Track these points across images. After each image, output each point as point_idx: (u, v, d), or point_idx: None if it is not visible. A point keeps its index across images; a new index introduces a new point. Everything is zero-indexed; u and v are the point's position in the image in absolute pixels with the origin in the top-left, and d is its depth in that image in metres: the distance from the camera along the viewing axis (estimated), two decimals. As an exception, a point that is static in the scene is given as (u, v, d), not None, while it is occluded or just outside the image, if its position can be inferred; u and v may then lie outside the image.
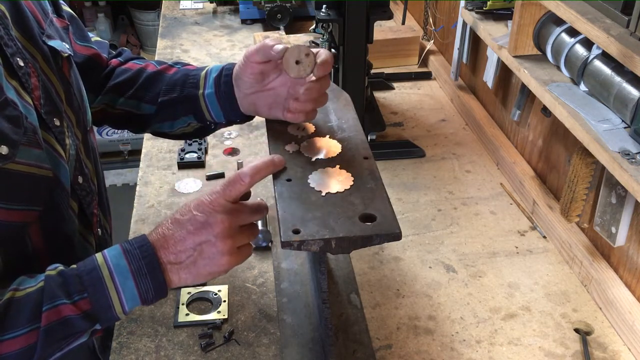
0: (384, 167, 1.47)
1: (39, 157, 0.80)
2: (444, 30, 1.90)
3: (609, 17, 0.99)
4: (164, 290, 0.80)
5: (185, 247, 0.79)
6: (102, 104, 1.10)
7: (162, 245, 0.79)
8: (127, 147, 3.41)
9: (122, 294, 0.77)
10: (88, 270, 0.77)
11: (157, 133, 1.13)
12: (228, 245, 0.79)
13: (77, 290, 0.76)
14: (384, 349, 1.03)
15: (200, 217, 0.79)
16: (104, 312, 0.77)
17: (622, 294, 1.07)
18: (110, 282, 0.77)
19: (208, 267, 0.80)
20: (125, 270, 0.77)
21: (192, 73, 1.05)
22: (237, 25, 2.25)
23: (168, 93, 1.05)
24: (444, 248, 1.24)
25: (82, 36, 1.08)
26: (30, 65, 0.83)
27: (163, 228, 0.81)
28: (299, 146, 0.93)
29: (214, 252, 0.79)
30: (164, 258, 0.79)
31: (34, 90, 0.83)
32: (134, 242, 0.80)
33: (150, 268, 0.78)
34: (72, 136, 0.90)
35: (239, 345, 1.02)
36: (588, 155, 1.06)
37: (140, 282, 0.78)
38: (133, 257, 0.78)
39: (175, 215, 0.81)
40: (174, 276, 0.80)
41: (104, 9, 3.44)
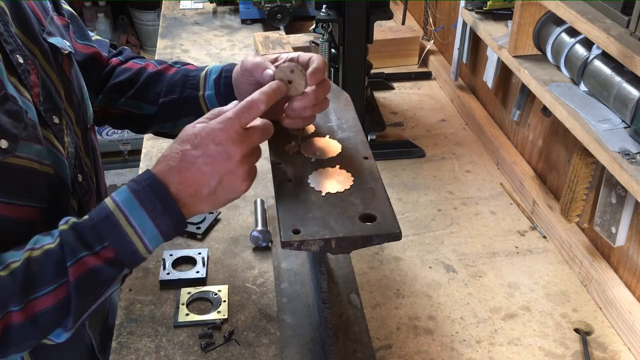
0: (384, 167, 1.47)
1: (39, 153, 0.80)
2: (444, 30, 1.90)
3: (609, 17, 1.00)
4: (184, 223, 0.79)
5: (205, 180, 0.77)
6: (102, 104, 1.10)
7: (177, 180, 0.77)
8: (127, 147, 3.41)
9: (144, 235, 0.77)
10: (102, 219, 0.76)
11: (159, 133, 1.13)
12: (246, 170, 0.79)
13: (97, 241, 0.75)
14: (384, 349, 1.03)
15: (218, 147, 0.77)
16: (129, 256, 0.77)
17: (622, 294, 1.07)
18: (129, 227, 0.76)
19: (228, 194, 0.80)
20: (139, 211, 0.76)
21: (192, 74, 1.05)
22: (237, 25, 2.25)
23: (168, 94, 1.05)
24: (444, 248, 1.24)
25: (82, 35, 1.08)
26: (30, 62, 0.83)
27: (172, 160, 0.78)
28: (299, 146, 0.93)
29: (235, 180, 0.79)
30: (182, 192, 0.77)
31: (33, 87, 0.83)
32: (141, 180, 0.78)
33: (166, 205, 0.77)
34: (71, 134, 0.90)
35: (239, 345, 1.02)
36: (588, 155, 1.06)
37: (158, 220, 0.77)
38: (144, 196, 0.76)
39: (184, 147, 0.78)
40: (192, 208, 0.79)
41: (104, 9, 3.44)
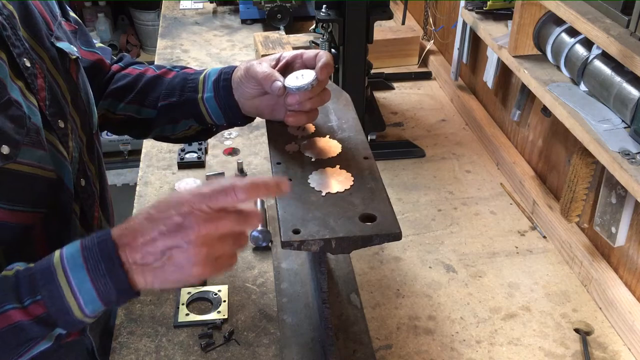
0: (384, 167, 1.47)
1: (42, 158, 0.79)
2: (444, 30, 1.90)
3: (609, 17, 1.00)
4: (130, 291, 0.71)
5: (155, 248, 0.70)
6: (103, 109, 1.10)
7: (128, 242, 0.70)
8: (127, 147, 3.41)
9: (79, 295, 0.69)
10: (42, 270, 0.70)
11: (160, 137, 1.13)
12: (202, 254, 0.70)
13: (29, 293, 0.69)
14: (384, 349, 1.03)
15: (177, 218, 0.70)
16: (62, 316, 0.70)
17: (622, 294, 1.07)
18: (65, 283, 0.69)
19: (176, 274, 0.70)
20: (80, 269, 0.69)
21: (191, 77, 1.05)
22: (237, 25, 2.25)
23: (167, 97, 1.05)
24: (444, 248, 1.24)
25: (86, 41, 1.08)
26: (37, 66, 0.83)
27: (134, 222, 0.72)
28: (299, 146, 0.93)
29: (185, 260, 0.70)
30: (129, 256, 0.70)
31: (39, 91, 0.82)
32: (95, 237, 0.71)
33: (110, 267, 0.69)
34: (76, 138, 0.90)
35: (239, 345, 1.02)
36: (588, 155, 1.06)
37: (98, 283, 0.69)
38: (90, 253, 0.70)
39: (150, 210, 0.72)
40: (139, 277, 0.70)
41: (104, 9, 3.44)
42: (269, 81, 0.93)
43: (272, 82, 0.92)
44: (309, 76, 0.91)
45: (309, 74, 0.92)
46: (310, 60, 0.96)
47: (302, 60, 0.97)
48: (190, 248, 0.69)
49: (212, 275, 0.73)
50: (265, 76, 0.93)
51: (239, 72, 0.99)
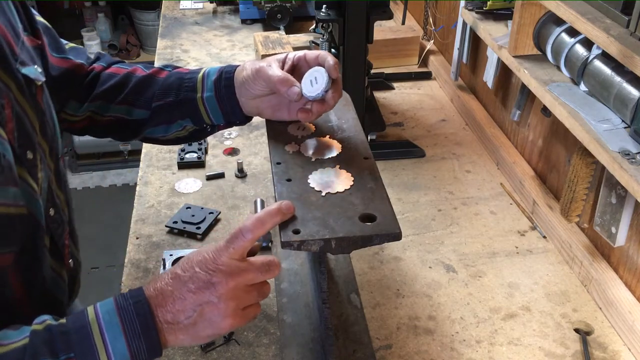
0: (384, 167, 1.47)
1: (15, 195, 0.76)
2: (444, 30, 1.90)
3: (609, 17, 1.00)
4: (158, 351, 0.73)
5: (184, 307, 0.73)
6: (88, 112, 1.05)
7: (159, 302, 0.73)
8: (127, 147, 3.41)
9: (112, 354, 0.71)
10: (77, 328, 0.71)
11: (148, 139, 1.09)
12: (231, 307, 0.73)
13: (63, 349, 0.70)
14: (384, 349, 1.03)
15: (203, 275, 0.73)
16: None
17: (622, 294, 1.07)
18: (100, 342, 0.71)
19: (208, 329, 0.74)
20: (117, 329, 0.71)
21: (187, 76, 1.03)
22: (237, 25, 2.25)
23: (163, 97, 1.02)
24: (444, 248, 1.24)
25: (57, 48, 1.02)
26: (4, 97, 0.77)
27: (162, 283, 0.75)
28: (299, 146, 0.93)
29: (216, 314, 0.73)
30: (161, 317, 0.73)
31: (7, 122, 0.77)
32: (130, 297, 0.74)
33: (145, 328, 0.72)
34: (45, 168, 0.85)
35: (239, 345, 1.02)
36: (588, 155, 1.06)
37: (132, 343, 0.71)
38: (126, 314, 0.72)
39: (176, 270, 0.75)
40: (170, 337, 0.73)
41: (104, 9, 3.44)
42: (286, 86, 0.92)
43: (289, 87, 0.92)
44: (321, 80, 0.92)
45: (321, 77, 0.92)
46: (313, 60, 0.95)
47: (307, 62, 0.96)
48: (221, 302, 0.73)
49: (241, 325, 0.76)
50: (281, 80, 0.92)
51: (244, 71, 0.97)
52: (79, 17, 3.45)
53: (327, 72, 0.92)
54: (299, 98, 0.92)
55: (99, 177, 3.50)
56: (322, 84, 0.91)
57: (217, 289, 0.73)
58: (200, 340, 0.76)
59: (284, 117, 0.98)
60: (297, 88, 0.92)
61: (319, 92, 0.91)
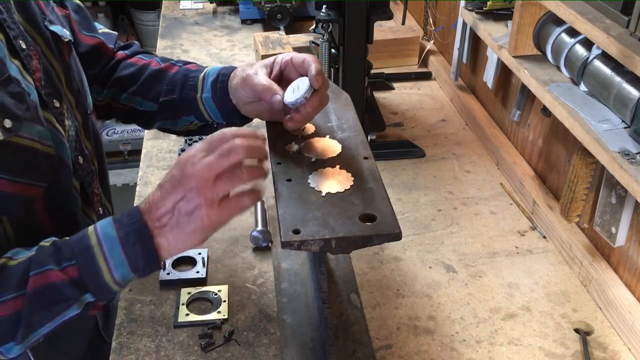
0: (384, 167, 1.47)
1: (41, 134, 0.82)
2: (444, 30, 1.90)
3: (609, 17, 1.00)
4: (155, 258, 0.78)
5: (165, 208, 0.78)
6: (108, 98, 1.11)
7: (148, 211, 0.79)
8: (127, 147, 3.40)
9: (110, 260, 0.77)
10: (78, 239, 0.78)
11: (163, 129, 1.14)
12: (205, 198, 0.76)
13: (66, 258, 0.76)
14: (384, 349, 1.03)
15: (177, 174, 0.78)
16: (92, 280, 0.77)
17: (622, 294, 1.07)
18: (99, 249, 0.77)
19: (191, 224, 0.77)
20: (112, 237, 0.77)
21: (192, 75, 1.06)
22: (237, 25, 2.25)
23: (168, 93, 1.06)
24: (444, 248, 1.24)
25: (88, 26, 1.09)
26: (32, 48, 0.85)
27: (150, 194, 0.81)
28: (299, 146, 0.93)
29: (192, 207, 0.77)
30: (150, 224, 0.78)
31: (35, 72, 0.85)
32: (125, 212, 0.80)
33: (138, 234, 0.77)
34: (72, 118, 0.92)
35: (239, 345, 1.02)
36: (588, 155, 1.06)
37: (128, 249, 0.77)
38: (121, 224, 0.78)
39: (160, 182, 0.81)
40: (162, 240, 0.78)
41: (104, 9, 3.44)
42: (269, 94, 0.94)
43: (271, 96, 0.93)
44: (303, 87, 0.91)
45: (303, 85, 0.92)
46: (300, 66, 0.96)
47: (293, 66, 0.97)
48: (193, 195, 0.76)
49: (225, 219, 0.79)
50: (264, 89, 0.94)
51: (234, 79, 0.99)
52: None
53: (310, 80, 0.91)
54: (281, 106, 0.93)
55: (99, 177, 3.50)
56: (302, 91, 0.91)
57: (188, 182, 0.77)
58: (189, 240, 0.78)
59: (281, 119, 0.98)
60: (278, 96, 0.93)
61: (298, 99, 0.91)
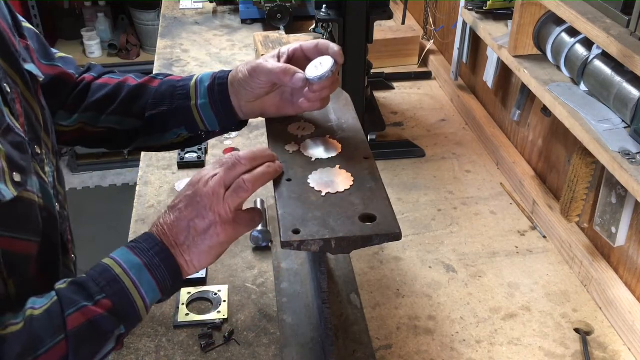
0: (384, 167, 1.47)
1: (36, 185, 0.78)
2: (444, 30, 1.90)
3: (609, 17, 1.00)
4: (180, 276, 0.79)
5: (180, 228, 0.79)
6: (78, 123, 1.04)
7: (162, 232, 0.79)
8: (127, 147, 3.40)
9: (141, 287, 0.76)
10: (100, 272, 0.76)
11: (141, 148, 1.09)
12: (219, 213, 0.78)
13: (96, 292, 0.74)
14: (384, 349, 1.03)
15: (189, 193, 0.80)
16: (127, 309, 0.76)
17: (622, 294, 1.07)
18: (127, 278, 0.76)
19: (206, 240, 0.79)
20: (137, 264, 0.77)
21: (180, 84, 1.01)
22: (237, 25, 2.25)
23: (156, 106, 1.00)
24: (444, 248, 1.24)
25: (46, 55, 1.01)
26: (14, 91, 0.80)
27: (160, 218, 0.81)
28: (299, 146, 0.93)
29: (206, 224, 0.78)
30: (168, 245, 0.79)
31: (19, 117, 0.79)
32: (139, 239, 0.80)
33: (162, 256, 0.78)
34: (50, 163, 0.87)
35: (239, 345, 1.02)
36: (588, 155, 1.06)
37: (155, 273, 0.77)
38: (142, 251, 0.78)
39: (169, 204, 0.82)
40: (181, 260, 0.79)
41: (104, 9, 3.44)
42: (288, 75, 0.91)
43: (292, 75, 0.91)
44: (327, 63, 0.91)
45: (326, 61, 0.92)
46: (311, 51, 0.95)
47: (304, 53, 0.95)
48: (207, 212, 0.78)
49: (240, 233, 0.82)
50: (282, 70, 0.91)
51: (239, 74, 0.96)
52: (79, 17, 3.44)
53: (333, 57, 0.92)
54: (305, 84, 0.91)
55: (99, 177, 3.50)
56: (328, 65, 0.91)
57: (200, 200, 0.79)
58: (207, 257, 0.80)
59: (289, 112, 0.98)
60: (300, 74, 0.91)
61: (325, 72, 0.90)
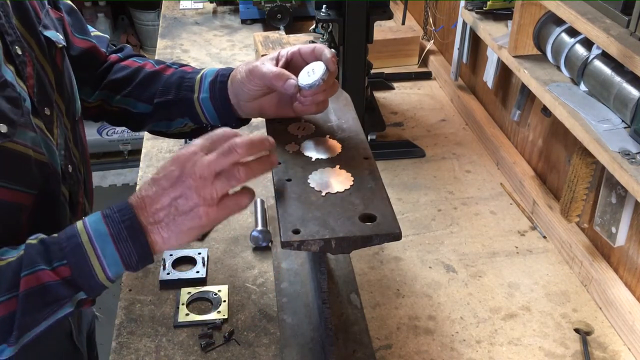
0: (384, 167, 1.47)
1: (34, 140, 0.81)
2: (444, 30, 1.90)
3: (609, 17, 1.00)
4: (148, 254, 0.77)
5: (162, 204, 0.76)
6: (99, 100, 1.10)
7: (141, 206, 0.77)
8: (127, 147, 3.40)
9: (103, 259, 0.75)
10: (67, 237, 0.76)
11: (155, 132, 1.13)
12: (204, 197, 0.76)
13: (57, 257, 0.74)
14: (384, 349, 1.03)
15: (176, 171, 0.77)
16: (86, 279, 0.75)
17: (622, 294, 1.07)
18: (90, 248, 0.75)
19: (187, 221, 0.76)
20: (104, 235, 0.75)
21: (188, 76, 1.05)
22: (237, 25, 2.25)
23: (163, 95, 1.05)
24: (444, 248, 1.24)
25: (81, 29, 1.07)
26: (27, 54, 0.84)
27: (142, 189, 0.79)
28: (299, 146, 0.93)
29: (190, 204, 0.76)
30: (144, 220, 0.76)
31: (28, 78, 0.83)
32: (115, 207, 0.78)
33: (131, 231, 0.76)
34: (61, 126, 0.91)
35: (239, 345, 1.02)
36: (588, 155, 1.06)
37: (121, 246, 0.75)
38: (112, 221, 0.76)
39: (153, 175, 0.79)
40: (157, 237, 0.77)
41: (104, 9, 3.44)
42: (282, 80, 0.92)
43: (284, 81, 0.92)
44: (319, 71, 0.92)
45: (318, 68, 0.92)
46: (309, 55, 0.96)
47: (302, 57, 0.97)
48: (192, 193, 0.76)
49: (222, 218, 0.78)
50: (276, 75, 0.93)
51: (238, 74, 0.98)
52: (79, 14, 3.45)
53: (325, 64, 0.92)
54: (296, 90, 0.92)
55: (99, 177, 3.50)
56: (320, 73, 0.91)
57: (188, 180, 0.76)
58: (185, 237, 0.77)
59: (288, 113, 0.98)
60: (293, 81, 0.92)
61: (316, 81, 0.91)
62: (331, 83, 0.94)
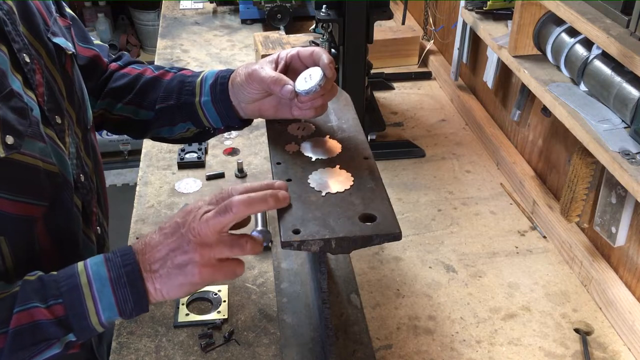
0: (384, 167, 1.47)
1: (43, 151, 0.80)
2: (444, 30, 1.90)
3: (609, 17, 1.00)
4: (144, 302, 0.76)
5: (159, 254, 0.76)
6: (101, 109, 1.10)
7: (142, 251, 0.77)
8: (127, 147, 3.41)
9: (99, 302, 0.74)
10: (66, 277, 0.75)
11: (157, 138, 1.13)
12: (201, 254, 0.75)
13: (53, 295, 0.73)
14: (384, 349, 1.03)
15: (179, 222, 0.76)
16: (78, 321, 0.74)
17: (622, 294, 1.07)
18: (88, 290, 0.74)
19: (180, 276, 0.75)
20: (103, 278, 0.74)
21: (188, 80, 1.05)
22: (237, 25, 2.25)
23: (165, 100, 1.04)
24: (444, 248, 1.24)
25: (83, 37, 1.08)
26: (35, 62, 0.83)
27: (147, 235, 0.78)
28: (299, 146, 0.93)
29: (185, 259, 0.75)
30: (142, 266, 0.76)
31: (38, 86, 0.83)
32: (118, 251, 0.77)
33: (131, 277, 0.75)
34: (72, 134, 0.90)
35: (239, 345, 1.02)
36: (588, 155, 1.06)
37: (118, 291, 0.74)
38: (113, 265, 0.75)
39: (161, 224, 0.79)
40: (150, 286, 0.76)
41: (104, 9, 3.44)
42: (279, 85, 0.92)
43: (282, 87, 0.92)
44: (316, 76, 0.91)
45: (315, 74, 0.92)
46: (307, 58, 0.96)
47: (300, 60, 0.97)
48: (190, 248, 0.74)
49: (216, 278, 0.76)
50: (273, 81, 0.93)
51: (238, 77, 0.98)
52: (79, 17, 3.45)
53: (322, 69, 0.92)
54: (293, 96, 0.92)
55: (99, 177, 3.50)
56: (317, 79, 0.91)
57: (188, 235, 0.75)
58: (175, 292, 0.76)
59: (287, 115, 0.98)
60: (290, 86, 0.92)
61: (312, 87, 0.91)
62: (329, 88, 0.94)
